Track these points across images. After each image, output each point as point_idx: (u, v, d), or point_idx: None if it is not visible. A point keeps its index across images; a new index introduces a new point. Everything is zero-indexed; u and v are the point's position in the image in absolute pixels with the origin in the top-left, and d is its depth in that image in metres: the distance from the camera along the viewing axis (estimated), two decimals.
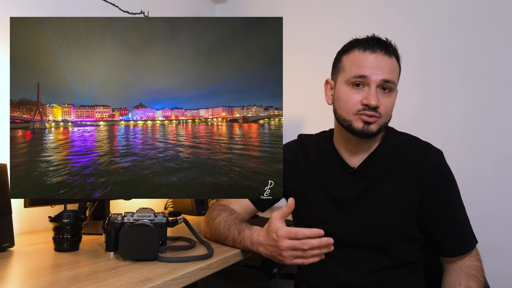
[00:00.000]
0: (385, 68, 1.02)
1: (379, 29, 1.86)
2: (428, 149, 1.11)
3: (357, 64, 1.03)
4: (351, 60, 1.05)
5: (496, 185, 1.74)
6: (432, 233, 1.09)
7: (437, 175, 1.07)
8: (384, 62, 1.02)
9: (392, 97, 1.05)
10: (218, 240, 1.15)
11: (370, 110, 1.01)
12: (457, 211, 1.09)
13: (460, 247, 1.08)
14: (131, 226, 0.97)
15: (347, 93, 1.04)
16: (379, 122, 1.03)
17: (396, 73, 1.06)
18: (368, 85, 1.01)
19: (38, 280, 0.81)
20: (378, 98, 1.01)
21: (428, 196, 1.06)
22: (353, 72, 1.03)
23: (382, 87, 1.02)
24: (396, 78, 1.05)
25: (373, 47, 1.02)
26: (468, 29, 1.83)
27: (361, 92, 1.02)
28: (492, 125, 1.77)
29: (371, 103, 0.99)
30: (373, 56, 1.02)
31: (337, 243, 1.10)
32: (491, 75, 1.78)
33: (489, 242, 1.70)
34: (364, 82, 1.02)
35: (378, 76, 1.01)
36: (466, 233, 1.09)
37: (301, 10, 2.23)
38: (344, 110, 1.05)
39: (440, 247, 1.09)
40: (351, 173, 1.11)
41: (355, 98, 1.02)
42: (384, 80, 1.01)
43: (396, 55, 1.07)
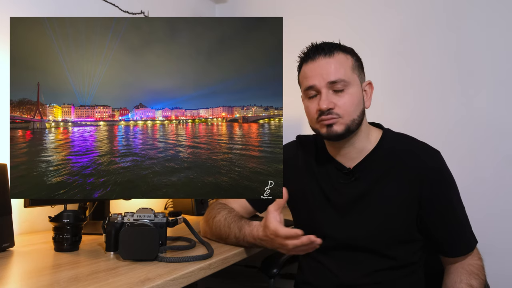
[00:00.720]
0: (328, 70, 1.03)
1: (379, 29, 1.87)
2: (426, 150, 1.10)
3: (304, 77, 1.08)
4: (302, 76, 1.10)
5: (496, 185, 1.74)
6: (432, 233, 1.09)
7: (435, 176, 1.07)
8: (326, 65, 1.04)
9: (349, 93, 1.04)
10: (220, 239, 1.15)
11: (325, 114, 1.03)
12: (457, 212, 1.09)
13: (461, 247, 1.08)
14: (131, 226, 0.97)
15: (306, 105, 1.09)
16: (342, 122, 1.03)
17: (345, 69, 1.04)
18: (319, 92, 1.04)
19: (38, 280, 0.81)
20: (331, 100, 1.03)
21: (427, 197, 1.06)
22: (304, 85, 1.08)
23: (333, 89, 1.03)
24: (346, 74, 1.04)
25: (313, 55, 1.06)
26: (468, 29, 1.83)
27: (316, 100, 1.06)
28: (492, 125, 1.77)
29: (322, 107, 1.02)
30: (314, 64, 1.05)
31: (337, 245, 1.10)
32: (491, 75, 1.79)
33: (489, 242, 1.70)
34: (315, 91, 1.05)
35: (321, 81, 1.03)
36: (467, 234, 1.10)
37: (301, 10, 2.23)
38: (309, 121, 1.11)
39: (441, 247, 1.10)
40: (347, 174, 1.11)
41: (312, 107, 1.07)
42: (330, 82, 1.02)
43: (340, 49, 1.06)
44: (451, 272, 1.09)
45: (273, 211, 1.01)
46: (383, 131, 1.14)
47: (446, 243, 1.08)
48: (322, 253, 1.12)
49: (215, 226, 1.15)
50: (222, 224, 1.13)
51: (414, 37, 1.94)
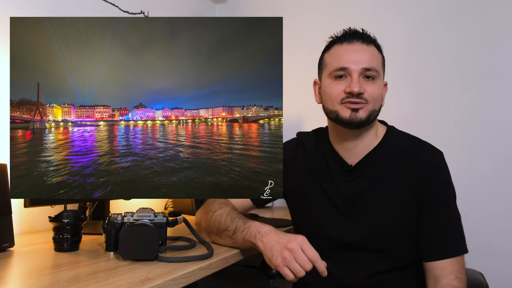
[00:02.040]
0: (364, 57, 1.03)
1: (379, 29, 1.87)
2: (428, 150, 1.10)
3: (337, 58, 1.05)
4: (331, 56, 1.07)
5: (496, 185, 1.74)
6: (420, 233, 1.05)
7: (434, 173, 1.06)
8: (362, 51, 1.03)
9: (378, 84, 1.04)
10: (213, 231, 1.11)
11: (355, 97, 1.01)
12: (450, 214, 1.05)
13: (443, 250, 1.02)
14: (131, 226, 0.97)
15: (330, 85, 1.06)
16: (367, 108, 1.03)
17: (378, 61, 1.05)
18: (350, 75, 1.03)
19: (38, 280, 0.81)
20: (362, 85, 1.02)
21: (424, 195, 1.05)
22: (334, 65, 1.05)
23: (365, 75, 1.03)
24: (378, 65, 1.05)
25: (350, 39, 1.05)
26: (469, 29, 1.83)
27: (344, 81, 1.04)
28: (492, 125, 1.77)
29: (354, 89, 1.00)
30: (351, 47, 1.04)
31: (338, 246, 1.09)
32: (491, 75, 1.79)
33: (489, 242, 1.71)
34: (346, 74, 1.03)
35: (358, 65, 1.02)
36: (454, 239, 1.04)
37: (301, 10, 2.23)
38: (329, 102, 1.06)
39: (423, 249, 1.05)
40: (348, 171, 1.10)
41: (338, 88, 1.04)
42: (365, 69, 1.02)
43: (376, 44, 1.08)
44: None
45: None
46: (387, 128, 1.14)
47: (429, 244, 1.04)
48: (321, 254, 1.10)
49: (215, 219, 1.11)
50: (224, 218, 1.09)
51: (415, 37, 1.94)
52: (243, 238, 1.03)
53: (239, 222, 1.06)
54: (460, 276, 1.01)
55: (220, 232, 1.09)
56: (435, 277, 1.02)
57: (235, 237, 1.06)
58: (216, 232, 1.11)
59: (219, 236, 1.10)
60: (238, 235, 1.04)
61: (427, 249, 1.05)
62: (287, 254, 0.93)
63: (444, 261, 1.02)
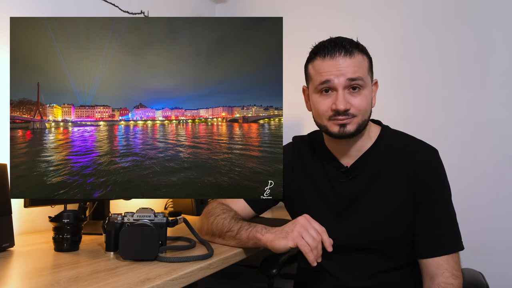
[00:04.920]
0: (347, 69, 1.01)
1: (379, 29, 1.87)
2: (422, 149, 1.09)
3: (320, 72, 1.04)
4: (315, 69, 1.06)
5: (496, 185, 1.74)
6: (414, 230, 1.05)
7: (428, 172, 1.05)
8: (345, 63, 1.02)
9: (364, 94, 1.03)
10: (216, 233, 1.12)
11: (341, 114, 1.02)
12: (445, 211, 1.05)
13: (439, 246, 1.02)
14: (131, 226, 0.97)
15: (317, 101, 1.06)
16: (356, 122, 1.03)
17: (363, 69, 1.04)
18: (335, 89, 1.02)
19: (38, 280, 0.81)
20: (348, 100, 1.01)
21: (419, 192, 1.05)
22: (318, 80, 1.04)
23: (351, 86, 1.02)
24: (364, 73, 1.04)
25: (332, 52, 1.03)
26: (468, 29, 1.83)
27: (330, 97, 1.03)
28: (493, 125, 1.77)
29: (340, 107, 1.01)
30: (333, 61, 1.02)
31: (336, 247, 1.08)
32: (491, 75, 1.78)
33: (489, 242, 1.71)
34: (331, 87, 1.03)
35: (341, 78, 1.01)
36: (449, 235, 1.04)
37: (301, 10, 2.23)
38: (318, 117, 1.08)
39: (417, 246, 1.05)
40: (344, 172, 1.10)
41: (325, 104, 1.04)
42: (349, 79, 1.01)
43: (359, 48, 1.05)
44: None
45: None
46: (381, 128, 1.14)
47: (425, 241, 1.04)
48: (321, 255, 1.11)
49: (217, 222, 1.11)
50: (227, 221, 1.10)
51: (415, 37, 1.94)
52: (248, 235, 1.04)
53: (244, 223, 1.09)
54: (455, 273, 1.01)
55: (223, 233, 1.10)
56: (431, 275, 1.02)
57: (239, 236, 1.07)
58: (219, 234, 1.12)
59: (222, 237, 1.11)
60: (243, 233, 1.06)
61: (422, 246, 1.05)
62: (299, 227, 0.97)
63: (440, 258, 1.01)
